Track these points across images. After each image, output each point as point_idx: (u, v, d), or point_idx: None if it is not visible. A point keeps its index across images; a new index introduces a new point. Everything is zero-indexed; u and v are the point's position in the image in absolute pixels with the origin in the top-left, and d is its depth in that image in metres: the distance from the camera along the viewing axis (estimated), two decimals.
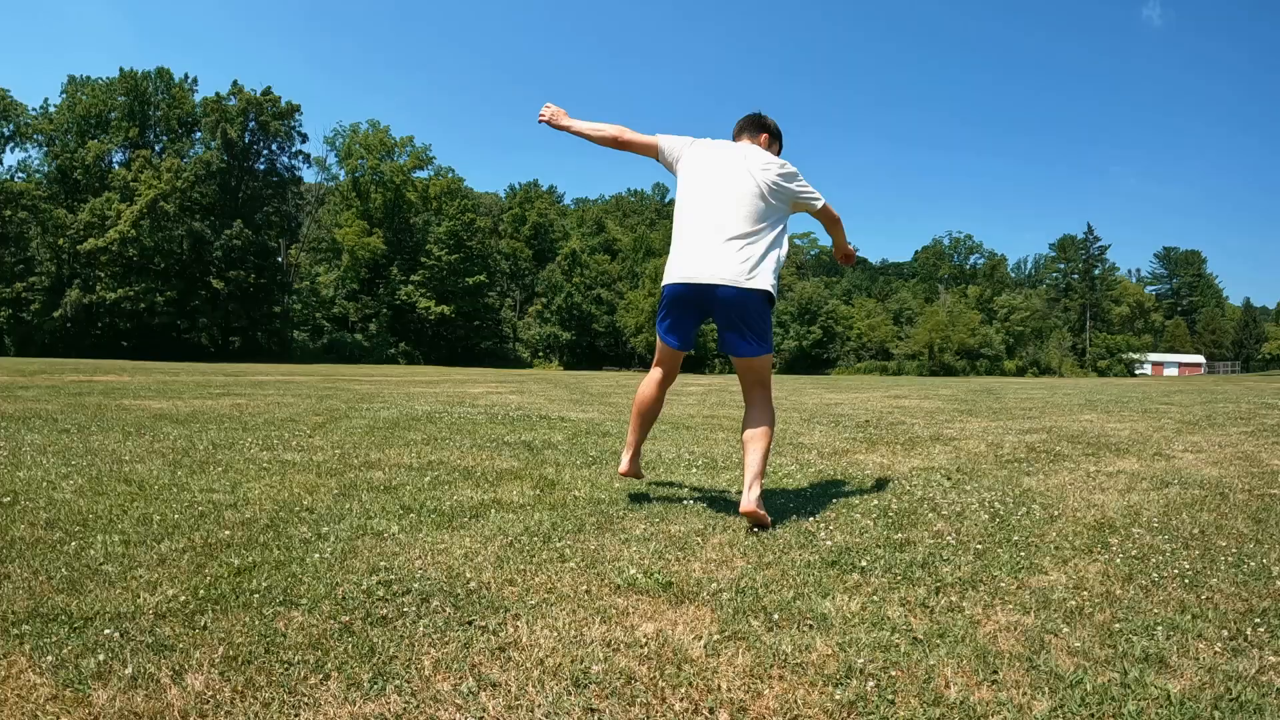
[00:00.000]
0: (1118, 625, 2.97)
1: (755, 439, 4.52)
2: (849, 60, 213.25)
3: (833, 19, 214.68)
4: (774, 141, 4.94)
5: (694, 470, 6.30)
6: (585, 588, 3.25)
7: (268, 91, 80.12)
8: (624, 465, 4.98)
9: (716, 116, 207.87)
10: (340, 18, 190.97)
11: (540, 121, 4.89)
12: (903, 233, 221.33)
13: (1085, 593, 3.33)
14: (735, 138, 4.94)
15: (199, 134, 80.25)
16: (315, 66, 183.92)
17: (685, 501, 4.92)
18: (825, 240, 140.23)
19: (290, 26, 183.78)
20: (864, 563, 3.65)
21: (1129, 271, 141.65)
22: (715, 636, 2.80)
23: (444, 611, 2.94)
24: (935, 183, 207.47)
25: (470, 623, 2.85)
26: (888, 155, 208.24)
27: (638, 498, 5.01)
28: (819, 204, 4.76)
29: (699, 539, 4.04)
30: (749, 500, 4.22)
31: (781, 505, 4.88)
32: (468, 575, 3.33)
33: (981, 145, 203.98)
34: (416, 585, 3.18)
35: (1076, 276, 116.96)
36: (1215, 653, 2.76)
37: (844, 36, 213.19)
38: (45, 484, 5.02)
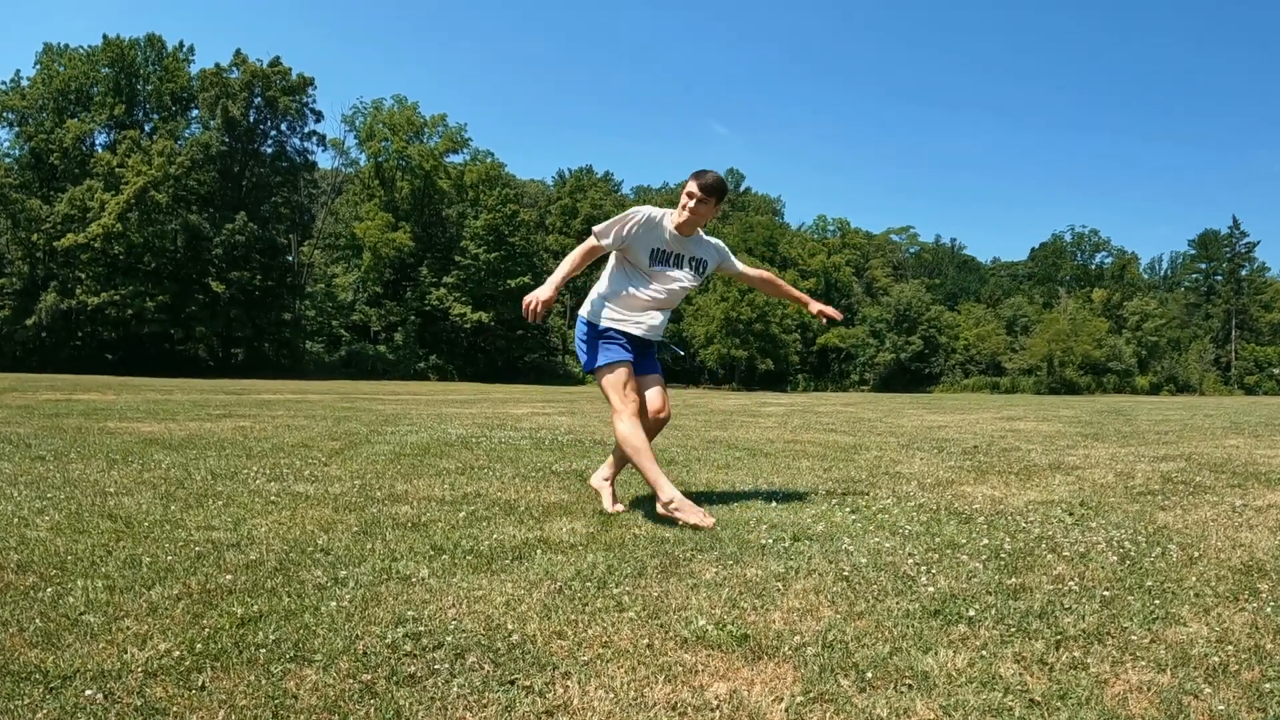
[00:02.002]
0: (1268, 685, 2.93)
1: None
2: (950, 24, 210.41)
3: None
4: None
5: (773, 504, 6.27)
6: (647, 641, 3.25)
7: (276, 62, 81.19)
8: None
9: (805, 87, 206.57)
10: None
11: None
12: (1017, 227, 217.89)
13: (1230, 647, 3.28)
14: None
15: (196, 112, 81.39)
16: (331, 34, 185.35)
17: (763, 541, 4.91)
18: (926, 236, 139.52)
19: None
20: (972, 612, 3.64)
21: None
22: (798, 698, 2.78)
23: (482, 669, 2.95)
24: (1054, 168, 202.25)
25: (512, 682, 2.86)
26: (999, 135, 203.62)
27: (708, 536, 5.00)
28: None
29: (779, 585, 4.03)
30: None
31: (875, 545, 4.85)
32: (509, 627, 3.35)
33: (1108, 123, 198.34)
34: (450, 638, 3.20)
35: (1220, 278, 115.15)
36: None
37: None
38: (17, 520, 5.12)
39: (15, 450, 8.59)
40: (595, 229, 6.19)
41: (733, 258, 6.37)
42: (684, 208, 5.95)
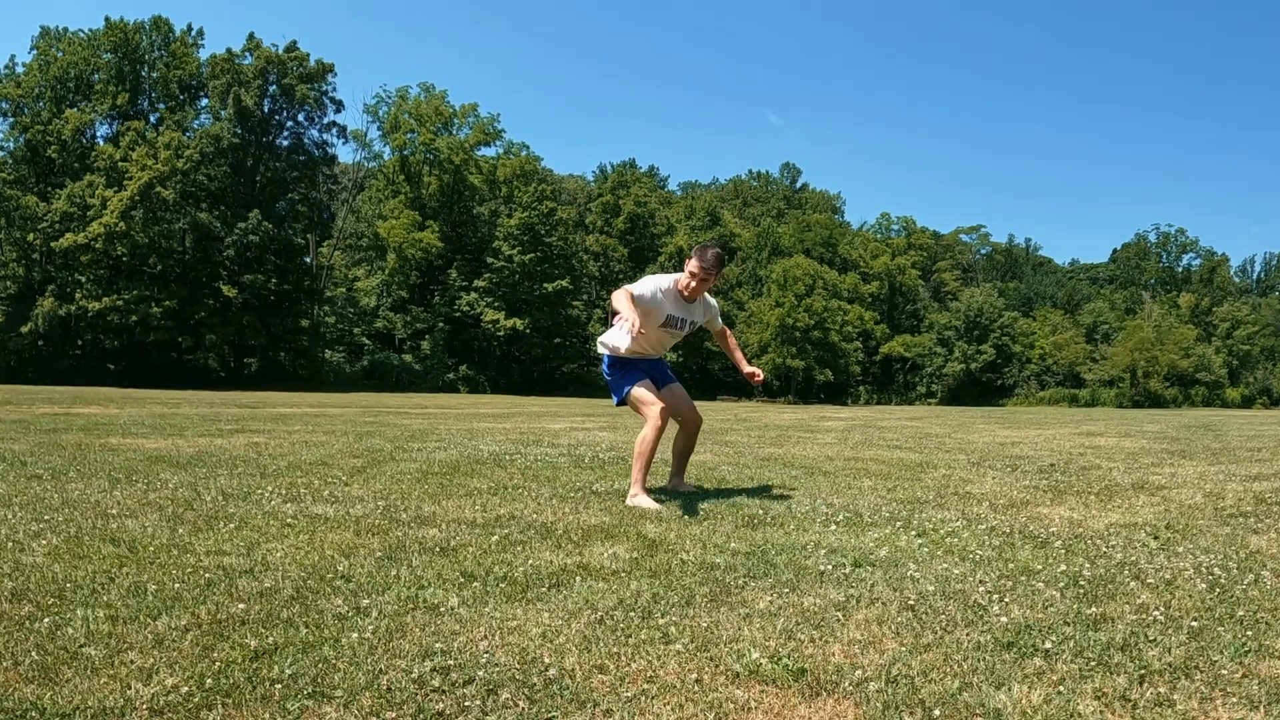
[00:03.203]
0: None
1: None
2: None
3: None
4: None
5: (832, 527, 6.28)
6: (695, 676, 3.25)
7: (292, 47, 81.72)
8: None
9: (867, 72, 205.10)
10: None
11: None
12: (1097, 227, 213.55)
13: None
14: None
15: (205, 101, 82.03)
16: (352, 16, 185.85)
17: (822, 567, 4.91)
18: (999, 236, 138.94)
19: None
20: (1048, 644, 3.63)
21: None
22: None
23: (516, 705, 2.96)
24: (1138, 162, 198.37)
25: None
26: (1078, 125, 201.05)
27: (762, 562, 5.01)
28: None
29: (839, 614, 4.03)
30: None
31: (943, 571, 4.86)
32: (546, 660, 3.36)
33: (1197, 110, 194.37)
34: (481, 673, 3.21)
35: None
36: None
37: None
38: (11, 545, 5.17)
39: (10, 469, 8.69)
40: (633, 292, 7.55)
41: (718, 317, 8.29)
42: (691, 281, 7.71)
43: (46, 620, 3.73)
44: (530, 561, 4.92)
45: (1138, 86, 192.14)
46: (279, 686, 3.06)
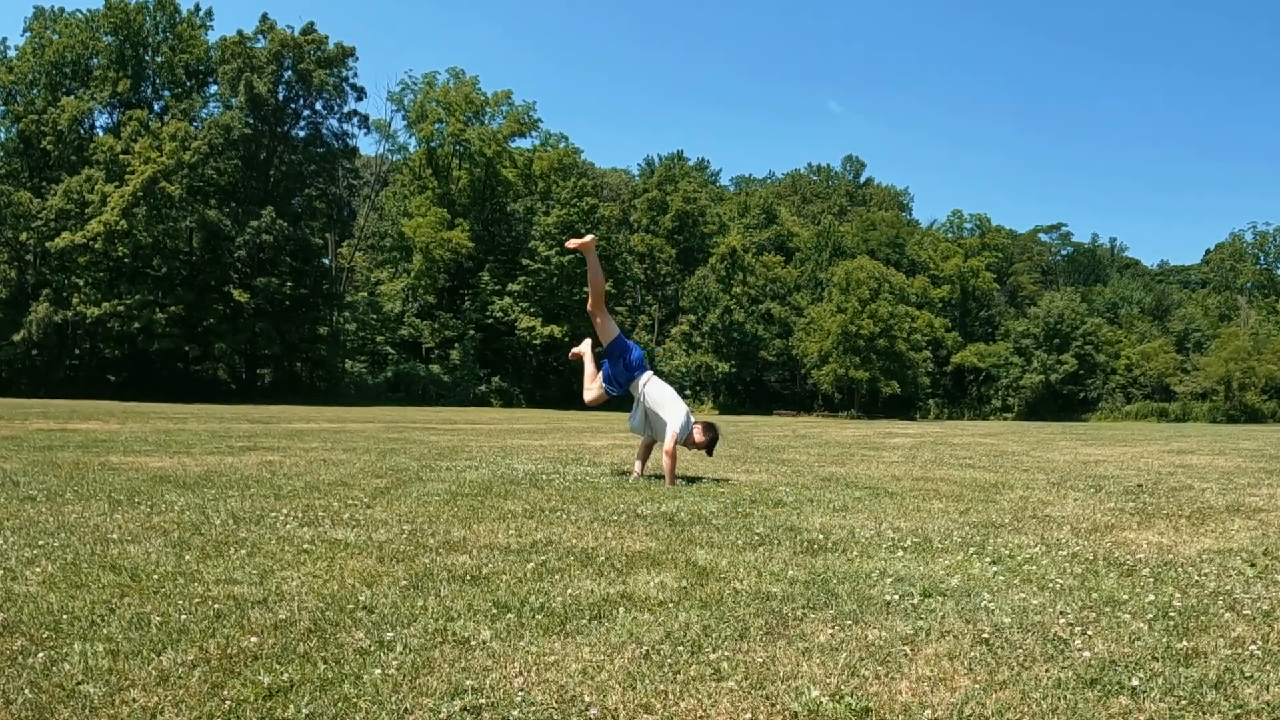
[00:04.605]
0: None
1: None
2: None
3: None
4: None
5: (899, 553, 6.27)
6: (749, 716, 3.24)
7: (309, 29, 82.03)
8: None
9: (936, 55, 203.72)
10: None
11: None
12: (1188, 225, 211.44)
13: None
14: None
15: (215, 88, 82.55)
16: None
17: (887, 597, 4.90)
18: (1081, 235, 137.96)
19: None
20: (1135, 681, 3.61)
21: None
22: None
23: None
24: (1233, 152, 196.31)
25: None
26: (1169, 109, 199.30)
27: (822, 591, 5.00)
28: None
29: (906, 648, 4.02)
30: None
31: (1021, 602, 4.83)
32: (586, 699, 3.35)
33: None
34: (516, 712, 3.21)
35: None
36: None
37: None
38: (2, 572, 5.21)
39: (1, 490, 8.74)
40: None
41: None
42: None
43: (41, 655, 3.75)
44: (569, 591, 4.93)
45: (1229, 66, 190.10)
46: None
